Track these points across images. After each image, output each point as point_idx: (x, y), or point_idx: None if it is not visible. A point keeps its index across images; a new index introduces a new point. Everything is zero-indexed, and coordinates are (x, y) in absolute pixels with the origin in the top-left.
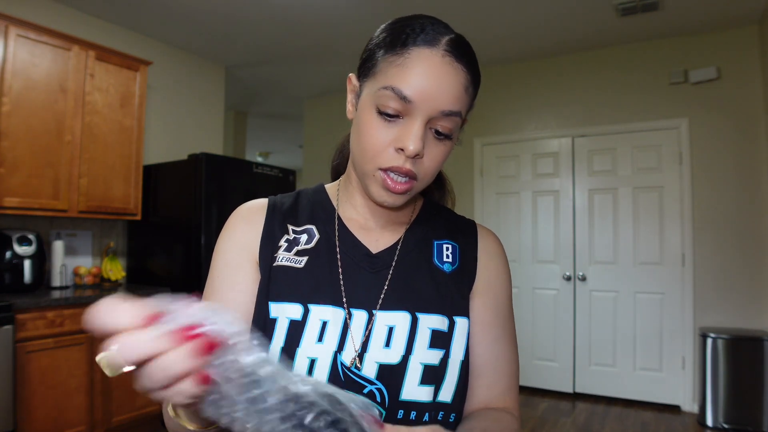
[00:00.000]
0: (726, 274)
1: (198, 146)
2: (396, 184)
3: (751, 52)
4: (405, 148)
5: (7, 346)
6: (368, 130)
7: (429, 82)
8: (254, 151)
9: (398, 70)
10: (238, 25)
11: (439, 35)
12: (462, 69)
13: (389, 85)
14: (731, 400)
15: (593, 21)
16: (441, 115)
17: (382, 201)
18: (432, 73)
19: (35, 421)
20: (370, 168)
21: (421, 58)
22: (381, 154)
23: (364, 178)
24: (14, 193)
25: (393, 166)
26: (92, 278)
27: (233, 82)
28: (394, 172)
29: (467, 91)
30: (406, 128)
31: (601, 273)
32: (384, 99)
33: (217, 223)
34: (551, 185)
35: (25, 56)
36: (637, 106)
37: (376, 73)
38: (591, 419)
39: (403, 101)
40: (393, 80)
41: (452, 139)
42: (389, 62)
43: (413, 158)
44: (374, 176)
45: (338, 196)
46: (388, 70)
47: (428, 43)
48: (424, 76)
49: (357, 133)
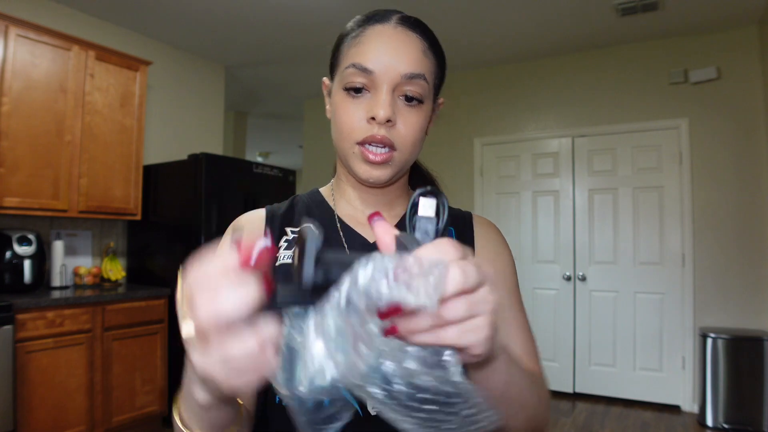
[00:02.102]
0: (726, 274)
1: (198, 146)
2: (375, 155)
3: (751, 52)
4: (375, 115)
5: (7, 346)
6: (340, 111)
7: (386, 49)
8: (254, 151)
9: (356, 48)
10: (238, 25)
11: (390, 14)
12: (416, 36)
13: (350, 62)
14: (731, 400)
15: (593, 21)
16: (404, 80)
17: (367, 177)
18: (387, 41)
19: (35, 421)
20: (348, 146)
21: (375, 33)
22: (355, 128)
23: (347, 160)
24: (14, 193)
25: (367, 137)
26: (92, 278)
27: (233, 82)
28: (372, 144)
29: (426, 54)
30: (373, 99)
31: (601, 273)
32: (348, 77)
33: (217, 223)
34: (551, 185)
35: (25, 56)
36: (637, 106)
37: (340, 61)
38: (591, 419)
39: (365, 73)
40: (353, 58)
41: (424, 103)
42: (348, 46)
43: (386, 125)
44: (354, 153)
45: (333, 195)
46: (348, 53)
47: (381, 20)
48: (380, 46)
49: (333, 121)
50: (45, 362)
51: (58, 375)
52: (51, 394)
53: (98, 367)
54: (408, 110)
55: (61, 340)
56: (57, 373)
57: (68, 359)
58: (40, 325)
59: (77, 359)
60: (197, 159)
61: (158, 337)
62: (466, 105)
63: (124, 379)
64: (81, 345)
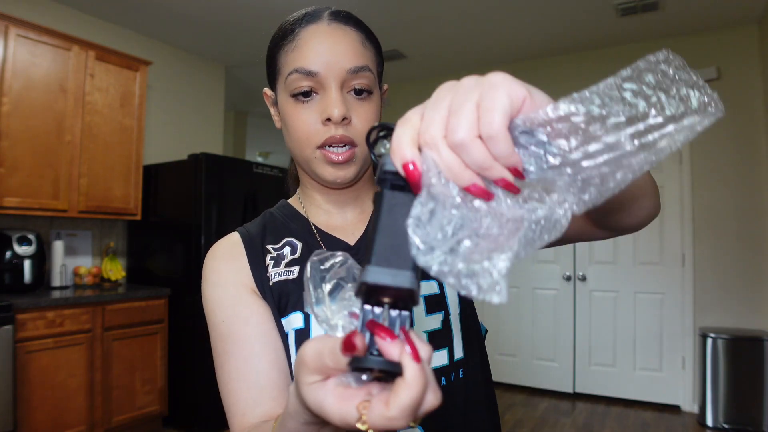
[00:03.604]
0: (726, 274)
1: (198, 146)
2: (338, 155)
3: (751, 52)
4: (330, 115)
5: (7, 346)
6: (292, 119)
7: (325, 48)
8: (254, 151)
9: (295, 53)
10: (238, 25)
11: (319, 11)
12: (351, 29)
13: (292, 68)
14: (731, 400)
15: (593, 21)
16: (350, 75)
17: (333, 178)
18: (324, 40)
19: (35, 421)
20: (309, 152)
21: (310, 33)
22: (312, 133)
23: (309, 166)
24: (14, 193)
25: (327, 139)
26: (92, 278)
27: (233, 82)
28: (332, 145)
29: (365, 45)
30: (323, 100)
31: (601, 273)
32: (293, 83)
33: (217, 223)
34: None
35: (25, 56)
36: None
37: (280, 69)
38: (591, 419)
39: (309, 77)
40: (294, 63)
41: (373, 94)
42: (285, 52)
43: (342, 123)
44: (316, 157)
45: (303, 205)
46: (287, 59)
47: (312, 20)
48: (318, 46)
49: (286, 130)
50: (45, 362)
51: (58, 375)
52: (51, 394)
53: (98, 367)
54: (360, 104)
55: (61, 340)
56: (57, 373)
57: (68, 359)
58: (40, 325)
59: (77, 359)
60: (197, 159)
61: (158, 337)
62: None
63: (124, 379)
64: (81, 345)
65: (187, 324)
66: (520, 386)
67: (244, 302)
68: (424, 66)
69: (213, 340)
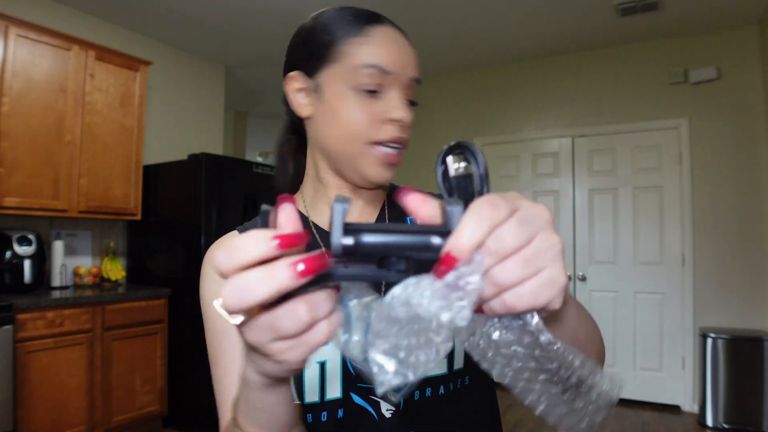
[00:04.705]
0: (726, 274)
1: (198, 146)
2: (392, 157)
3: (751, 52)
4: (400, 118)
5: (7, 346)
6: (350, 110)
7: (398, 51)
8: (254, 151)
9: (369, 48)
10: (238, 25)
11: (381, 16)
12: (409, 41)
13: (367, 63)
14: (731, 400)
15: (593, 21)
16: (411, 83)
17: (378, 177)
18: (398, 45)
19: (35, 421)
20: (358, 147)
21: (384, 34)
22: (370, 128)
23: (351, 161)
24: (14, 193)
25: (392, 137)
26: (92, 278)
27: (233, 82)
28: (392, 144)
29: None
30: (389, 100)
31: (601, 273)
32: (365, 77)
33: (217, 223)
34: (551, 185)
35: (25, 56)
36: (637, 106)
37: (340, 57)
38: None
39: (384, 75)
40: (369, 58)
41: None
42: (356, 44)
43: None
44: (367, 153)
45: (304, 203)
46: (358, 51)
47: (380, 21)
48: (392, 48)
49: (334, 120)
50: (45, 362)
51: (58, 375)
52: (51, 394)
53: (98, 367)
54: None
55: (61, 340)
56: (57, 373)
57: (68, 359)
58: (40, 325)
59: (77, 359)
60: (197, 159)
61: (158, 337)
62: (466, 105)
63: (124, 379)
64: (81, 345)
65: (187, 324)
66: None
67: None
68: (423, 66)
69: (208, 337)
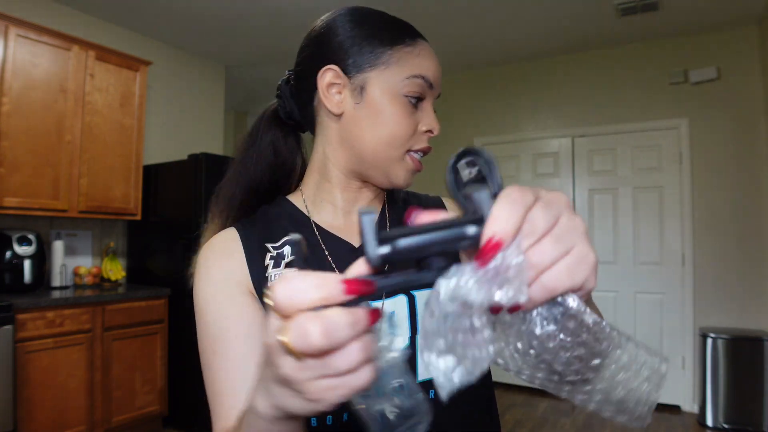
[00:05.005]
0: (726, 274)
1: (198, 146)
2: (420, 165)
3: (751, 52)
4: (434, 129)
5: (7, 346)
6: (399, 118)
7: (437, 68)
8: None
9: (418, 60)
10: (238, 25)
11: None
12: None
13: (419, 74)
14: (731, 400)
15: (593, 21)
16: (436, 97)
17: (405, 183)
18: (436, 62)
19: (35, 421)
20: (399, 153)
21: (426, 49)
22: (411, 137)
23: (388, 165)
24: (14, 193)
25: (424, 147)
26: (92, 278)
27: (233, 82)
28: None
29: None
30: (426, 111)
31: (601, 273)
32: (413, 86)
33: None
34: (551, 185)
35: (25, 56)
36: (637, 106)
37: (389, 63)
38: (591, 419)
39: (429, 88)
40: (419, 69)
41: None
42: (406, 53)
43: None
44: (401, 159)
45: (305, 203)
46: (408, 60)
47: (421, 36)
48: (432, 63)
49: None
50: (45, 362)
51: (58, 375)
52: (51, 394)
53: (98, 367)
54: None
55: (61, 340)
56: (57, 373)
57: (68, 359)
58: (40, 325)
59: (77, 359)
60: (197, 159)
61: (158, 337)
62: (466, 105)
63: (124, 379)
64: (81, 345)
65: (187, 324)
66: (520, 386)
67: (237, 302)
68: None
69: (201, 339)
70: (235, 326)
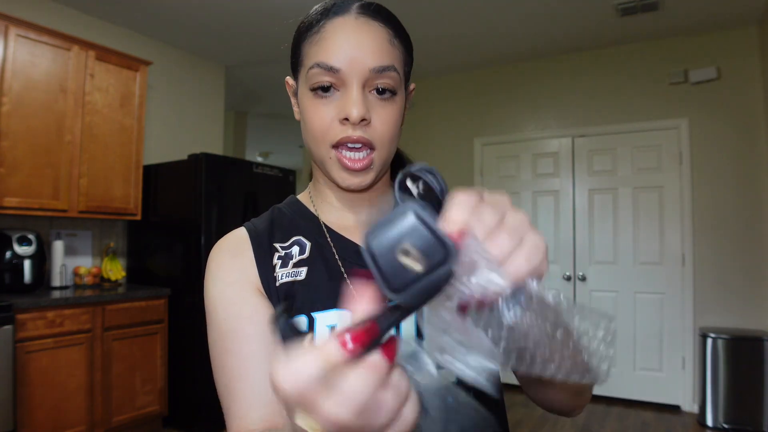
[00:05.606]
0: (726, 275)
1: (198, 146)
2: (354, 162)
3: (751, 52)
4: (348, 115)
5: (7, 346)
6: (309, 113)
7: (349, 44)
8: (254, 151)
9: (318, 46)
10: (238, 25)
11: (348, 3)
12: (379, 25)
13: (314, 62)
14: (731, 400)
15: (593, 21)
16: (373, 74)
17: (347, 184)
18: (349, 36)
19: (35, 421)
20: (324, 151)
21: (335, 26)
22: (328, 130)
23: (324, 166)
24: (14, 193)
25: (343, 138)
26: (92, 278)
27: (233, 82)
28: (347, 146)
29: (392, 43)
30: (344, 98)
31: (601, 273)
32: (313, 77)
33: (217, 223)
34: (551, 185)
35: (25, 56)
36: (637, 106)
37: (303, 60)
38: (591, 419)
39: (331, 72)
40: (316, 57)
41: (397, 95)
42: (309, 43)
43: (361, 124)
44: (330, 158)
45: (313, 202)
46: (310, 52)
47: (339, 12)
48: (343, 41)
49: (304, 124)
50: (45, 362)
51: (58, 375)
52: (51, 394)
53: (98, 367)
54: (381, 105)
55: (61, 340)
56: (57, 373)
57: (68, 359)
58: (40, 325)
59: (77, 359)
60: (197, 159)
61: (158, 337)
62: (466, 105)
63: (124, 379)
64: (81, 345)
65: (187, 324)
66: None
67: (248, 301)
68: (423, 67)
69: (212, 338)
70: (248, 325)
